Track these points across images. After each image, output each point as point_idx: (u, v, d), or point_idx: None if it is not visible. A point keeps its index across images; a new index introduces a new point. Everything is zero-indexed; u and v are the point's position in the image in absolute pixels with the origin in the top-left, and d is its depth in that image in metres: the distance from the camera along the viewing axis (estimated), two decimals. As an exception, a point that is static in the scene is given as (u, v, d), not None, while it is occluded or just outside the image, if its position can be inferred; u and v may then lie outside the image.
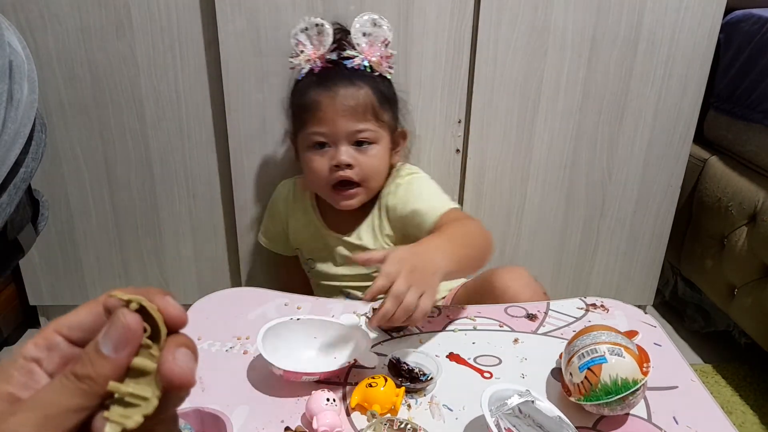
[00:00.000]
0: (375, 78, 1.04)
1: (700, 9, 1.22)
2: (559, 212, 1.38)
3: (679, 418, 0.76)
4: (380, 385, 0.74)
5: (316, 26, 1.02)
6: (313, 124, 1.03)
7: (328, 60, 1.03)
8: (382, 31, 1.04)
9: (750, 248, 1.31)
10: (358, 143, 1.04)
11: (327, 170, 1.03)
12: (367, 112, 1.02)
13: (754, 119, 1.32)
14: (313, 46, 1.04)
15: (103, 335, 0.29)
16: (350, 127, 1.02)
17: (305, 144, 1.05)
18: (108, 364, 0.29)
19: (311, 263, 1.16)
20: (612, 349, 0.74)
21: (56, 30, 1.14)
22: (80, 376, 0.29)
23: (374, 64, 1.04)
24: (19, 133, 0.98)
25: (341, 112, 1.01)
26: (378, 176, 1.07)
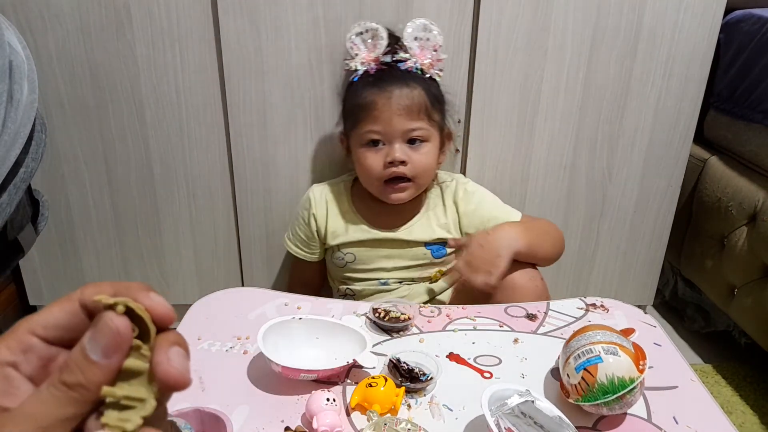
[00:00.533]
0: (426, 80, 1.10)
1: (700, 9, 1.22)
2: (559, 212, 1.38)
3: (679, 418, 0.76)
4: (380, 385, 0.74)
5: (371, 30, 1.09)
6: (368, 122, 1.07)
7: (382, 62, 1.09)
8: (433, 36, 1.10)
9: (750, 248, 1.31)
10: (410, 141, 1.09)
11: (381, 166, 1.08)
12: (420, 111, 1.07)
13: (754, 119, 1.32)
14: (367, 49, 1.09)
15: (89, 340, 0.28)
16: (404, 125, 1.07)
17: (360, 141, 1.10)
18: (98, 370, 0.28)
19: (350, 258, 1.18)
20: (607, 348, 0.74)
21: (56, 30, 1.14)
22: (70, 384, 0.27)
23: (425, 66, 1.10)
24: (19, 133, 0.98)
25: (396, 112, 1.06)
26: (428, 173, 1.13)
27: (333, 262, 1.21)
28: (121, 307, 0.28)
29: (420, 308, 0.99)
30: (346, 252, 1.18)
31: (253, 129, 1.24)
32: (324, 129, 1.25)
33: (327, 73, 1.20)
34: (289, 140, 1.26)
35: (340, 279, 1.23)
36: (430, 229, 1.17)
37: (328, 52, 1.19)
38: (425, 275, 1.20)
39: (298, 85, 1.21)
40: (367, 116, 1.07)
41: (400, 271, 1.19)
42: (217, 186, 1.30)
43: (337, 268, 1.21)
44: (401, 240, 1.17)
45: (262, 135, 1.25)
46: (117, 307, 0.28)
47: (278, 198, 1.31)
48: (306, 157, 1.28)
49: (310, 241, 1.21)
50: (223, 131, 1.25)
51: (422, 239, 1.17)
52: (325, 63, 1.19)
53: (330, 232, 1.18)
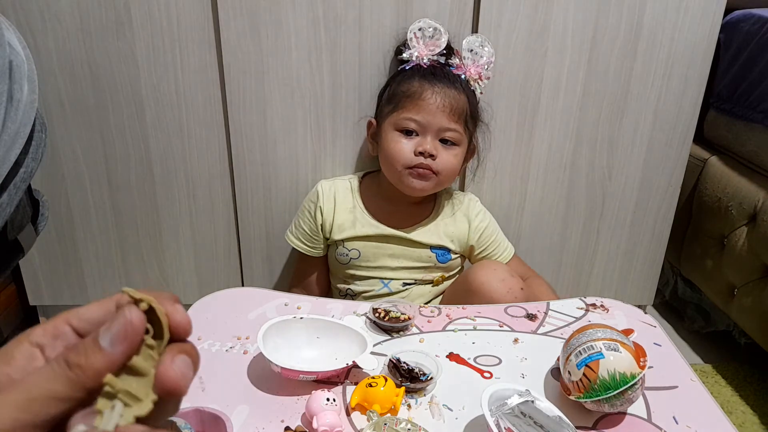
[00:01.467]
0: (470, 90, 1.13)
1: (700, 9, 1.22)
2: (559, 212, 1.38)
3: (678, 418, 0.76)
4: (380, 385, 0.74)
5: (434, 29, 1.11)
6: (410, 110, 1.09)
7: (437, 62, 1.12)
8: (485, 53, 1.14)
9: (750, 248, 1.31)
10: (443, 140, 1.11)
11: (410, 154, 1.10)
12: (460, 115, 1.11)
13: (754, 119, 1.32)
14: (425, 45, 1.12)
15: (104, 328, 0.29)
16: (443, 123, 1.09)
17: (394, 126, 1.12)
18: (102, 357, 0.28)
19: (354, 254, 1.18)
20: (608, 344, 0.74)
21: (56, 30, 1.14)
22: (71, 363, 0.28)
23: (471, 78, 1.13)
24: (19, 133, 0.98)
25: (440, 107, 1.08)
26: (451, 176, 1.15)
27: (336, 259, 1.21)
28: (144, 304, 0.29)
29: (420, 308, 1.00)
30: (351, 248, 1.18)
31: (253, 129, 1.24)
32: (324, 129, 1.25)
33: (327, 73, 1.20)
34: (289, 140, 1.26)
35: (342, 277, 1.23)
36: (436, 235, 1.19)
37: (328, 52, 1.19)
38: (428, 278, 1.21)
39: (298, 85, 1.21)
40: (411, 104, 1.09)
41: (404, 272, 1.19)
42: (217, 186, 1.30)
43: (340, 266, 1.21)
44: (408, 239, 1.17)
45: (262, 135, 1.25)
46: (141, 303, 0.29)
47: (278, 198, 1.31)
48: (306, 156, 1.28)
49: (313, 235, 1.21)
50: (223, 131, 1.25)
51: (427, 242, 1.18)
52: (325, 63, 1.19)
53: (336, 226, 1.18)
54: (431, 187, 1.14)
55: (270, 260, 1.37)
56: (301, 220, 1.22)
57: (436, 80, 1.09)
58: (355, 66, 1.20)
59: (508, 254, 1.26)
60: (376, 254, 1.18)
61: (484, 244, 1.23)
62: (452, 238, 1.20)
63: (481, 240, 1.22)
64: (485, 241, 1.23)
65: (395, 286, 1.19)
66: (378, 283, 1.19)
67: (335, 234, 1.18)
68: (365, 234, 1.17)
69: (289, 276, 1.37)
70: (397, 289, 1.19)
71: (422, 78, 1.10)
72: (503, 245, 1.26)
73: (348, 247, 1.18)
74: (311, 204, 1.21)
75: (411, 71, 1.12)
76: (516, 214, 1.37)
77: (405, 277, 1.19)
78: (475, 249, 1.22)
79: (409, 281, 1.20)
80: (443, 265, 1.20)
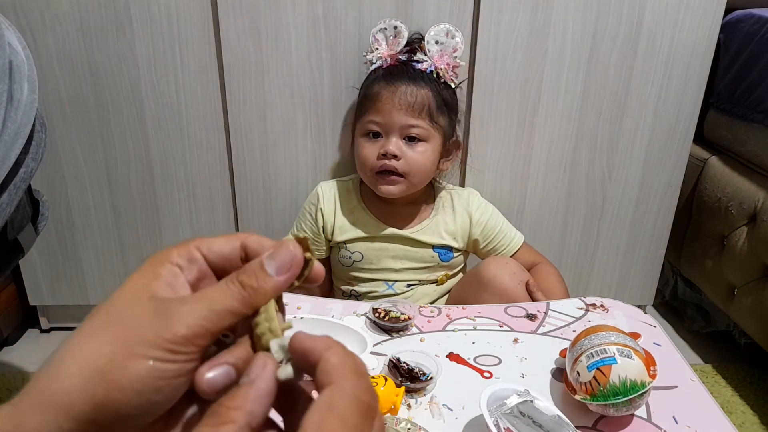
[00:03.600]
0: (438, 83, 1.11)
1: (700, 9, 1.22)
2: (559, 212, 1.38)
3: (678, 418, 0.76)
4: (380, 385, 0.74)
5: (394, 28, 1.12)
6: (371, 113, 1.10)
7: (398, 60, 1.11)
8: (453, 42, 1.12)
9: (750, 248, 1.31)
10: (409, 138, 1.10)
11: (375, 157, 1.10)
12: (422, 110, 1.09)
13: (754, 119, 1.32)
14: (388, 45, 1.12)
15: (268, 256, 0.32)
16: (403, 121, 1.08)
17: (361, 131, 1.13)
18: (270, 281, 0.32)
19: (357, 257, 1.18)
20: (621, 350, 0.73)
21: (56, 30, 1.15)
22: (245, 284, 0.31)
23: (441, 70, 1.11)
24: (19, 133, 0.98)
25: (397, 106, 1.08)
26: (421, 173, 1.13)
27: (339, 262, 1.21)
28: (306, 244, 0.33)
29: (420, 308, 0.99)
30: (354, 251, 1.18)
31: (253, 129, 1.24)
32: (324, 129, 1.25)
33: (327, 73, 1.20)
34: (289, 140, 1.26)
35: (346, 279, 1.22)
36: (437, 235, 1.19)
37: (328, 51, 1.19)
38: (432, 278, 1.21)
39: (298, 85, 1.21)
40: (371, 107, 1.10)
41: (407, 273, 1.19)
42: (217, 186, 1.30)
43: (343, 268, 1.21)
44: (410, 239, 1.17)
45: (262, 135, 1.25)
46: (304, 242, 0.33)
47: (278, 198, 1.31)
48: (306, 157, 1.28)
49: (315, 237, 1.21)
50: (223, 131, 1.25)
51: (429, 242, 1.18)
52: (325, 63, 1.20)
53: (338, 227, 1.18)
54: (403, 189, 1.12)
55: (270, 260, 1.37)
56: (302, 223, 1.22)
57: (393, 79, 1.09)
58: (355, 66, 1.20)
59: (517, 243, 1.23)
60: (379, 256, 1.18)
61: (489, 236, 1.21)
62: (454, 235, 1.20)
63: (485, 232, 1.21)
64: (490, 233, 1.21)
65: (399, 287, 1.19)
66: (382, 284, 1.19)
67: (337, 235, 1.18)
68: (367, 235, 1.17)
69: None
70: (401, 290, 1.19)
71: (382, 80, 1.10)
72: (510, 235, 1.23)
73: (350, 250, 1.18)
74: (312, 206, 1.21)
75: (373, 74, 1.13)
76: (516, 214, 1.37)
77: (409, 278, 1.19)
78: (480, 242, 1.21)
79: (413, 282, 1.20)
80: (446, 263, 1.20)
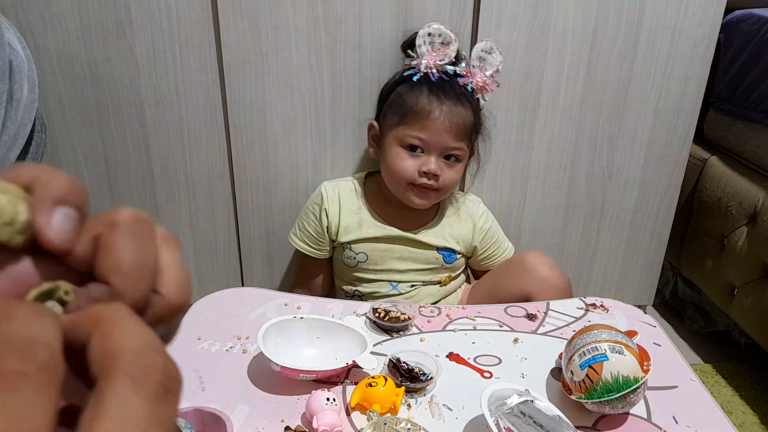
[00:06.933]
0: (475, 101, 1.12)
1: (700, 9, 1.22)
2: (559, 212, 1.38)
3: (678, 418, 0.76)
4: (380, 385, 0.74)
5: (444, 36, 1.09)
6: (416, 128, 1.08)
7: (444, 72, 1.09)
8: (493, 59, 1.12)
9: (750, 248, 1.31)
10: (446, 157, 1.10)
11: (413, 172, 1.09)
12: (465, 133, 1.10)
13: (754, 119, 1.32)
14: (434, 51, 1.09)
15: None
16: (448, 142, 1.08)
17: (398, 141, 1.10)
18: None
19: (362, 257, 1.18)
20: (613, 347, 0.74)
21: (56, 30, 1.14)
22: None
23: (478, 87, 1.11)
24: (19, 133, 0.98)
25: (447, 127, 1.07)
26: (451, 189, 1.16)
27: (343, 262, 1.20)
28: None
29: (420, 308, 1.00)
30: (358, 251, 1.17)
31: (253, 129, 1.24)
32: (324, 129, 1.25)
33: (327, 73, 1.20)
34: (289, 140, 1.26)
35: (349, 280, 1.22)
36: (442, 237, 1.19)
37: (328, 52, 1.19)
38: (435, 279, 1.21)
39: (298, 85, 1.21)
40: (417, 122, 1.07)
41: (412, 274, 1.19)
42: (217, 186, 1.30)
43: (346, 268, 1.20)
44: (415, 240, 1.17)
45: (262, 135, 1.25)
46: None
47: (278, 198, 1.31)
48: (306, 157, 1.28)
49: (319, 237, 1.20)
50: (223, 131, 1.25)
51: (434, 244, 1.18)
52: (325, 63, 1.19)
53: (342, 228, 1.17)
54: (432, 201, 1.14)
55: (270, 260, 1.37)
56: (305, 223, 1.21)
57: (444, 97, 1.07)
58: (355, 66, 1.20)
59: (508, 254, 1.26)
60: (384, 257, 1.18)
61: (487, 244, 1.23)
62: (457, 240, 1.20)
63: (485, 240, 1.23)
64: (488, 242, 1.23)
65: (403, 287, 1.19)
66: (386, 285, 1.19)
67: (341, 236, 1.17)
68: (372, 236, 1.17)
69: (289, 276, 1.37)
70: (405, 291, 1.19)
71: (430, 93, 1.07)
72: (504, 245, 1.26)
73: (355, 250, 1.18)
74: (315, 206, 1.20)
75: (419, 82, 1.09)
76: (516, 214, 1.37)
77: (413, 279, 1.19)
78: (478, 249, 1.23)
79: (417, 283, 1.20)
80: (450, 265, 1.20)
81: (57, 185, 0.23)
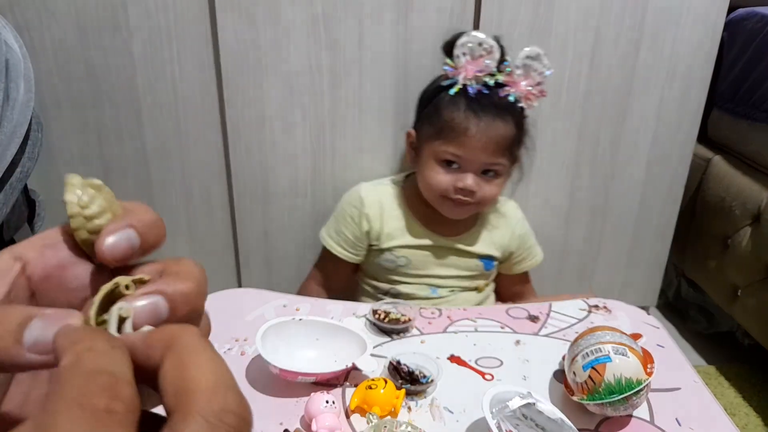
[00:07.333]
0: (518, 112, 1.07)
1: (702, 7, 1.21)
2: (562, 212, 1.37)
3: (681, 420, 0.75)
4: (380, 387, 0.73)
5: (481, 45, 1.03)
6: (452, 144, 1.04)
7: (485, 84, 1.04)
8: (541, 66, 1.06)
9: (754, 249, 1.30)
10: (485, 171, 1.07)
11: (449, 187, 1.06)
12: (505, 147, 1.06)
13: (757, 118, 1.31)
14: (475, 62, 1.04)
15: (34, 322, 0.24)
16: (486, 159, 1.05)
17: (434, 155, 1.07)
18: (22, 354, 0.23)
19: (402, 261, 1.15)
20: (617, 348, 0.73)
21: (52, 28, 1.14)
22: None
23: (521, 96, 1.05)
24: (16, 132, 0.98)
25: (484, 145, 1.03)
26: (490, 202, 1.13)
27: (379, 264, 1.17)
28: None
29: (420, 310, 0.99)
30: (400, 255, 1.15)
31: (251, 128, 1.23)
32: (324, 129, 1.24)
33: (326, 72, 1.20)
34: (288, 140, 1.25)
35: (386, 280, 1.19)
36: (484, 244, 1.17)
37: (327, 49, 1.18)
38: (473, 285, 1.20)
39: (297, 85, 1.20)
40: (454, 138, 1.04)
41: (452, 280, 1.17)
42: (215, 186, 1.29)
43: (384, 270, 1.18)
44: (459, 249, 1.16)
45: (260, 134, 1.24)
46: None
47: (276, 198, 1.30)
48: (305, 157, 1.27)
49: (358, 242, 1.17)
50: (221, 131, 1.24)
51: (478, 252, 1.17)
52: (325, 62, 1.19)
53: (385, 234, 1.14)
54: (469, 213, 1.12)
55: (268, 261, 1.36)
56: (342, 226, 1.17)
57: (482, 113, 1.02)
58: (355, 64, 1.19)
59: (537, 260, 1.25)
60: (426, 263, 1.15)
61: (521, 249, 1.22)
62: (497, 246, 1.19)
63: (520, 245, 1.21)
64: (522, 247, 1.22)
65: (443, 292, 1.18)
66: (426, 288, 1.17)
67: (384, 242, 1.15)
68: (416, 244, 1.14)
69: (288, 277, 1.36)
70: (445, 295, 1.18)
71: (467, 108, 1.03)
72: (534, 250, 1.25)
73: (396, 254, 1.15)
74: (354, 209, 1.16)
75: (457, 97, 1.04)
76: (517, 215, 1.36)
77: (453, 285, 1.18)
78: (514, 255, 1.21)
79: (456, 288, 1.18)
80: (487, 272, 1.20)
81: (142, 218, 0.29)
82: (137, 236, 0.28)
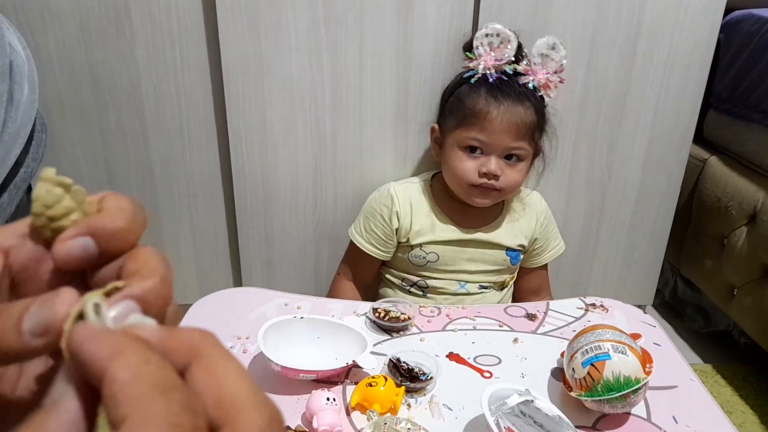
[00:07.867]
0: (538, 99, 1.10)
1: (699, 9, 1.22)
2: (559, 212, 1.38)
3: (678, 418, 0.76)
4: (380, 385, 0.74)
5: (502, 35, 1.08)
6: (475, 130, 1.07)
7: (503, 71, 1.07)
8: (558, 56, 1.10)
9: (750, 248, 1.31)
10: (508, 156, 1.09)
11: (474, 173, 1.08)
12: (526, 132, 1.08)
13: (753, 119, 1.32)
14: (493, 51, 1.08)
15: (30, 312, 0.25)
16: (508, 143, 1.07)
17: (458, 143, 1.09)
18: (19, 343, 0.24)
19: (432, 257, 1.17)
20: (616, 346, 0.74)
21: (56, 30, 1.15)
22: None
23: (540, 85, 1.09)
24: (20, 133, 0.98)
25: (506, 128, 1.05)
26: (514, 189, 1.15)
27: (409, 260, 1.18)
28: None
29: (420, 308, 1.00)
30: (429, 251, 1.16)
31: (253, 130, 1.24)
32: (324, 130, 1.25)
33: (327, 73, 1.20)
34: (289, 141, 1.26)
35: (415, 275, 1.20)
36: (512, 235, 1.18)
37: (328, 53, 1.19)
38: (500, 280, 1.21)
39: (298, 87, 1.21)
40: (476, 123, 1.06)
41: (480, 275, 1.19)
42: (217, 186, 1.30)
43: (413, 266, 1.19)
44: (485, 242, 1.17)
45: (262, 136, 1.25)
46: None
47: (277, 199, 1.31)
48: (306, 158, 1.28)
49: (388, 239, 1.18)
50: (223, 132, 1.25)
51: (505, 244, 1.18)
52: (325, 64, 1.19)
53: (414, 231, 1.16)
54: (494, 200, 1.13)
55: (269, 261, 1.37)
56: (372, 224, 1.18)
57: (502, 97, 1.05)
58: (356, 67, 1.20)
59: (559, 250, 1.26)
60: (456, 258, 1.17)
61: (545, 237, 1.23)
62: (524, 234, 1.20)
63: (543, 234, 1.23)
64: (545, 235, 1.23)
65: (472, 287, 1.19)
66: (455, 284, 1.18)
67: (413, 239, 1.16)
68: (446, 239, 1.16)
69: (288, 277, 1.36)
70: (474, 291, 1.19)
71: (488, 94, 1.06)
72: (556, 241, 1.26)
73: (426, 250, 1.16)
74: (385, 208, 1.17)
75: (477, 85, 1.08)
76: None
77: (481, 280, 1.19)
78: (538, 242, 1.23)
79: (486, 284, 1.19)
80: (513, 267, 1.21)
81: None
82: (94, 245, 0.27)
